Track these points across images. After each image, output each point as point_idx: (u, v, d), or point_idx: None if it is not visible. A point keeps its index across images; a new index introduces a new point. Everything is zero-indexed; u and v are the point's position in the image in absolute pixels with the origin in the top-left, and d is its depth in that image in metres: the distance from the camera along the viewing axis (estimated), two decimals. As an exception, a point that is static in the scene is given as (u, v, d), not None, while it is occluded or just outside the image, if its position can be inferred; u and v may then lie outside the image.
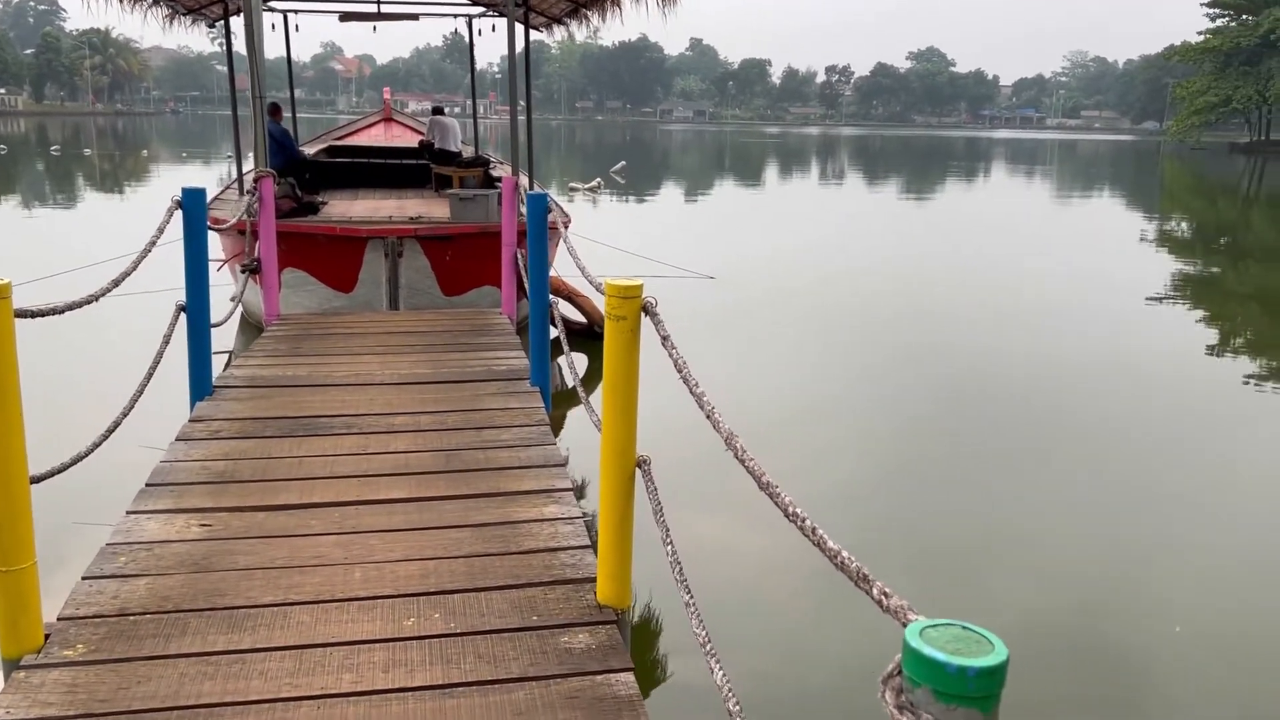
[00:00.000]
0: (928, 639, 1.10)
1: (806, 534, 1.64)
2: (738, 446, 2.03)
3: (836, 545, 1.55)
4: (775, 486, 1.83)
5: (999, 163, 57.52)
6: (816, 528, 1.63)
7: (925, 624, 1.13)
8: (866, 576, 1.43)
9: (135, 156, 45.84)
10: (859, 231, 21.54)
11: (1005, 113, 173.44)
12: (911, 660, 1.10)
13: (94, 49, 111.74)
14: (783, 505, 1.76)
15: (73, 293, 3.32)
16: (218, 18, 12.50)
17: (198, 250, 4.81)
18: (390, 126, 16.85)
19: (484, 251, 8.28)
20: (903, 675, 1.12)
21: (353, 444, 4.32)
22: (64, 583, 3.21)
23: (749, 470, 1.93)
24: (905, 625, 1.28)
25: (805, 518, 1.68)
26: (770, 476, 1.87)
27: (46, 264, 12.49)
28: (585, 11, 11.52)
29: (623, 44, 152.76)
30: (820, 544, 1.58)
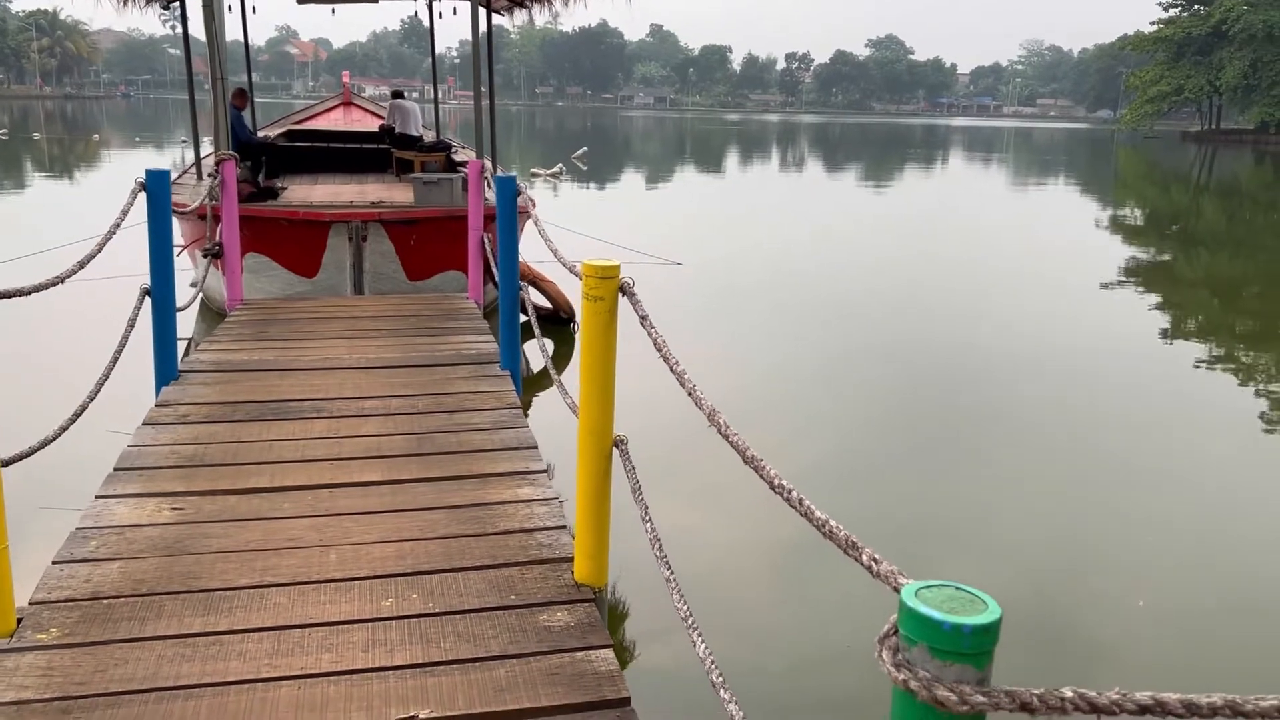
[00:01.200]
0: (923, 599, 1.13)
1: (794, 505, 1.67)
2: (721, 422, 2.06)
3: (824, 514, 1.58)
4: (760, 460, 1.86)
5: (957, 150, 58.11)
6: (804, 498, 1.66)
7: (920, 585, 1.16)
8: (855, 544, 1.47)
9: (86, 141, 44.87)
10: (821, 218, 21.68)
11: (963, 100, 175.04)
12: (908, 619, 1.13)
13: (41, 30, 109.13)
14: (768, 478, 1.79)
15: (31, 277, 3.27)
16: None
17: (162, 233, 4.74)
18: (350, 111, 16.66)
19: (449, 236, 8.24)
20: (899, 634, 1.15)
21: (323, 428, 4.30)
22: (33, 567, 3.17)
23: (733, 445, 1.96)
24: (897, 590, 1.32)
25: (791, 489, 1.71)
26: (755, 451, 1.90)
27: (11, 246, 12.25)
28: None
29: (583, 30, 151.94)
30: (808, 514, 1.62)
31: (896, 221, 21.30)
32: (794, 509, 1.67)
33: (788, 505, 1.70)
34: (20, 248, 11.41)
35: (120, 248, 4.65)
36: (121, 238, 4.32)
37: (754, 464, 1.87)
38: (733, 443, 1.97)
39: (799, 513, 1.65)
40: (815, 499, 1.72)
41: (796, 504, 1.67)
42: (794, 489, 1.71)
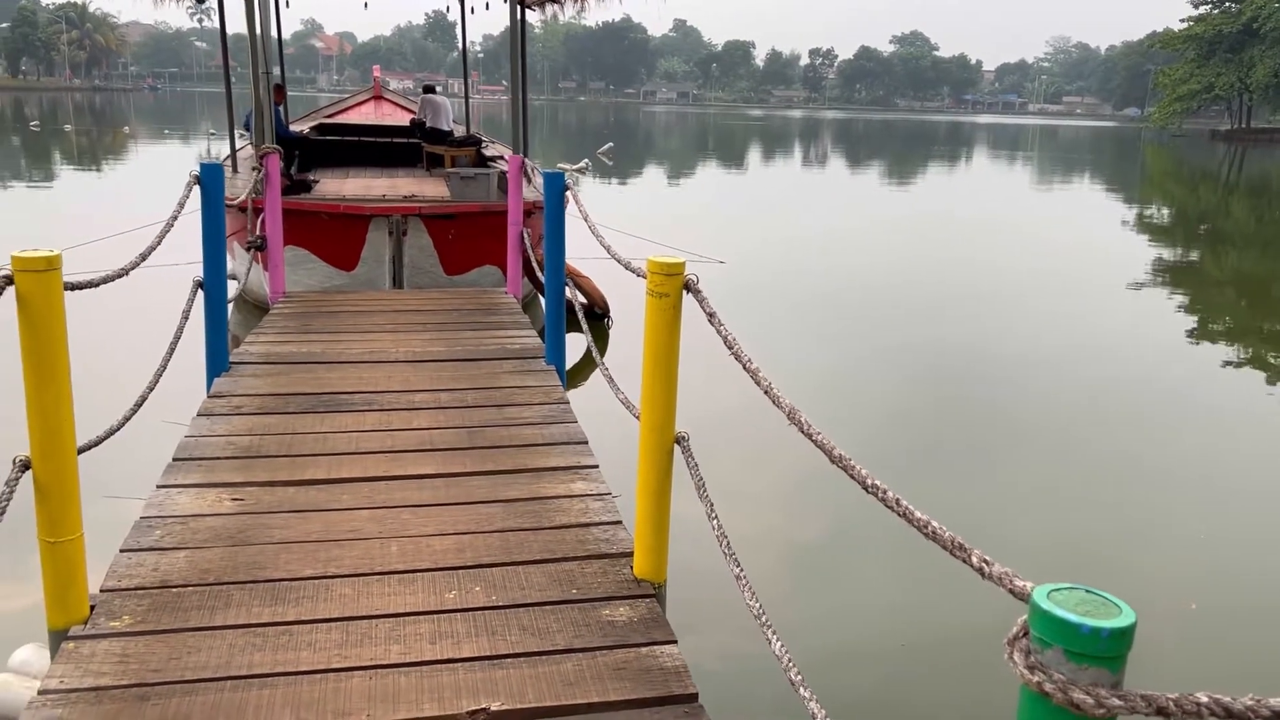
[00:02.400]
0: (1056, 602, 1.13)
1: (890, 506, 1.67)
2: (803, 421, 2.06)
3: (924, 515, 1.58)
4: (849, 460, 1.86)
5: (981, 148, 57.74)
6: (900, 499, 1.67)
7: (1050, 588, 1.17)
8: (963, 545, 1.47)
9: (116, 133, 45.25)
10: (847, 215, 21.60)
11: (988, 98, 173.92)
12: (1041, 622, 1.13)
13: (71, 23, 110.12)
14: (859, 478, 1.79)
15: (81, 265, 3.30)
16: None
17: (215, 226, 4.78)
18: (380, 105, 16.72)
19: (485, 231, 8.27)
20: (1030, 636, 1.16)
21: (375, 420, 4.33)
22: (100, 554, 3.21)
23: (818, 445, 1.96)
24: (1013, 592, 1.32)
25: (886, 489, 1.71)
26: (842, 450, 1.90)
27: (43, 238, 12.38)
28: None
29: (606, 25, 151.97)
30: (907, 515, 1.62)
31: (922, 220, 21.19)
32: (891, 510, 1.67)
33: (883, 505, 1.70)
34: (60, 237, 11.52)
35: (145, 239, 4.67)
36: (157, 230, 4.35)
37: (842, 464, 1.87)
38: (818, 442, 1.97)
39: (896, 513, 1.65)
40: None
41: (893, 504, 1.67)
42: (889, 489, 1.72)
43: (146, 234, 4.04)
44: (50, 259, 2.52)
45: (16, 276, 2.46)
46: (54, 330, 2.55)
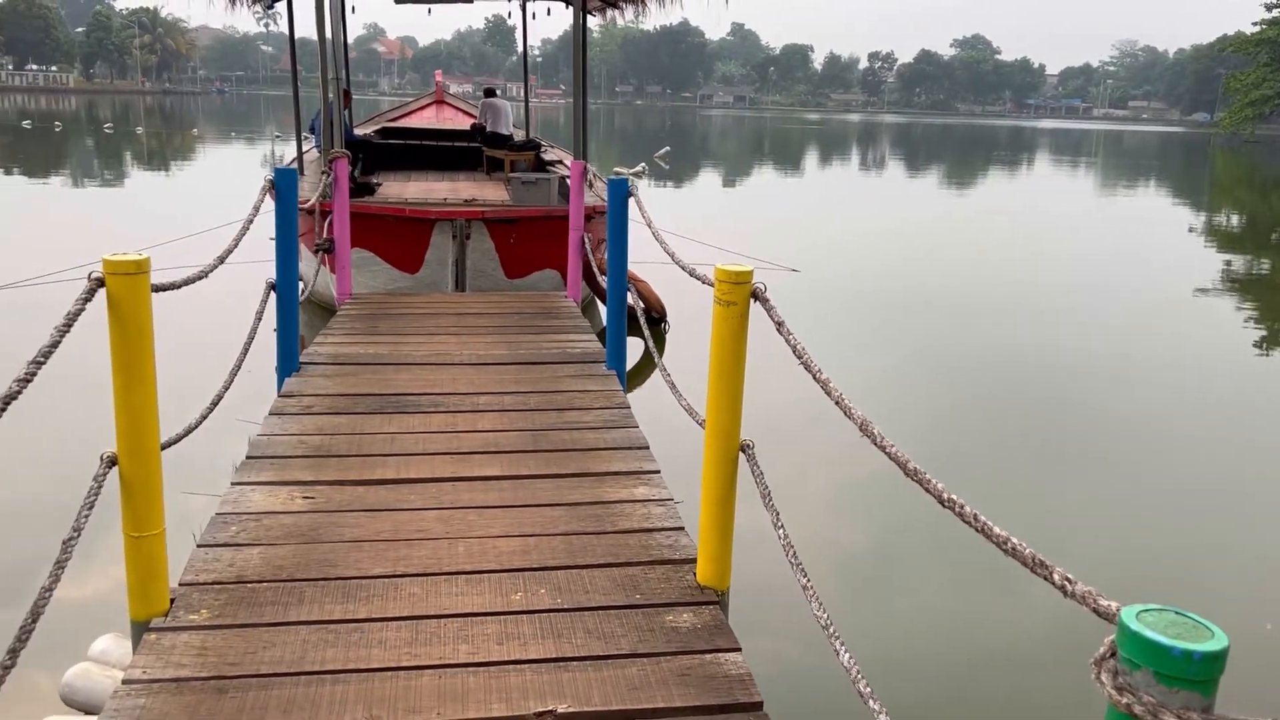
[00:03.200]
0: (1146, 623, 1.13)
1: (968, 521, 1.66)
2: (875, 433, 2.06)
3: (1004, 532, 1.58)
4: (924, 474, 1.86)
5: (1043, 153, 56.79)
6: (978, 514, 1.66)
7: (1139, 608, 1.16)
8: (1044, 563, 1.46)
9: (184, 135, 46.41)
10: (914, 221, 21.34)
11: (1050, 102, 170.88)
12: (1131, 643, 1.13)
13: (143, 28, 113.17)
14: (935, 492, 1.79)
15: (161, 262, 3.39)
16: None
17: (288, 230, 4.90)
18: (442, 109, 16.94)
19: (546, 235, 8.35)
20: (1118, 657, 1.15)
21: (441, 421, 4.40)
22: (177, 548, 3.31)
23: (892, 458, 1.96)
24: (1098, 612, 1.31)
25: (964, 504, 1.71)
26: (916, 463, 1.90)
27: (119, 237, 12.79)
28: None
29: (664, 29, 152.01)
30: (985, 531, 1.61)
31: (988, 226, 20.92)
32: (968, 524, 1.66)
33: (960, 520, 1.70)
34: (132, 237, 11.90)
35: (217, 240, 4.79)
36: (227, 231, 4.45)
37: (917, 477, 1.87)
38: (891, 455, 1.97)
39: (974, 528, 1.65)
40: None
41: (971, 520, 1.66)
42: (966, 504, 1.71)
43: (217, 234, 4.16)
44: (140, 262, 2.60)
45: (108, 279, 2.55)
46: (142, 331, 2.64)
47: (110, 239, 13.12)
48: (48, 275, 10.08)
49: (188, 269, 3.41)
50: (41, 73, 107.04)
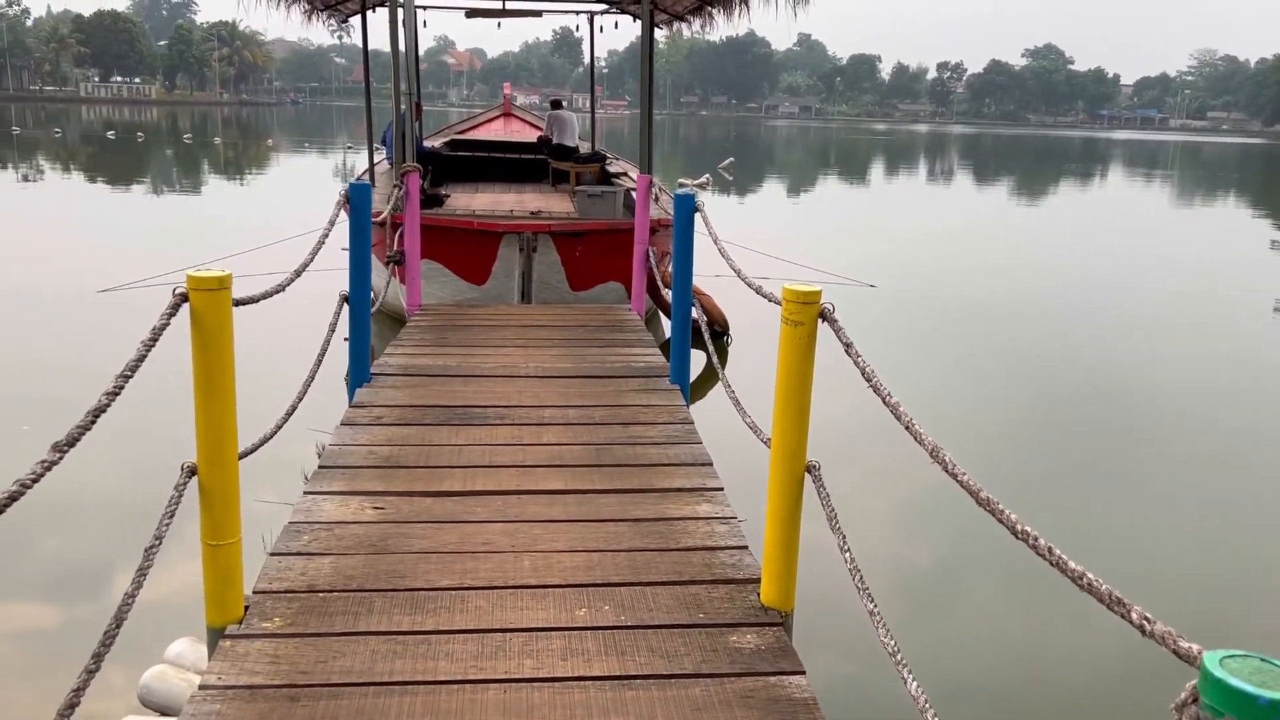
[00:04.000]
0: (1229, 670, 1.10)
1: (1042, 554, 1.64)
2: (946, 460, 2.04)
3: (1079, 566, 1.55)
4: (996, 503, 1.83)
5: (1117, 165, 55.53)
6: (1053, 547, 1.64)
7: (1223, 654, 1.13)
8: (1121, 600, 1.43)
9: (260, 145, 47.61)
10: (986, 236, 21.00)
11: (1125, 113, 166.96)
12: (1214, 690, 1.10)
13: (222, 41, 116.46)
14: (1008, 523, 1.76)
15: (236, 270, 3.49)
16: (353, 13, 12.92)
17: (361, 244, 5.00)
18: (510, 121, 17.15)
19: (611, 248, 8.40)
20: (1200, 704, 1.13)
21: (507, 434, 4.45)
22: (248, 556, 3.39)
23: (964, 486, 1.93)
24: (1179, 654, 1.28)
25: (1037, 536, 1.68)
26: (989, 492, 1.88)
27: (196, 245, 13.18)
28: (711, 9, 11.55)
29: (730, 39, 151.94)
30: (1060, 565, 1.59)
31: (1061, 239, 20.50)
32: (1043, 558, 1.64)
33: (1034, 553, 1.67)
34: (209, 246, 12.23)
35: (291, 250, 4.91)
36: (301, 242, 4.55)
37: (990, 507, 1.85)
38: (963, 483, 1.95)
39: (1049, 561, 1.62)
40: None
41: (1045, 553, 1.64)
42: (1039, 535, 1.69)
43: (291, 244, 4.27)
44: (222, 278, 2.68)
45: (191, 295, 2.63)
46: (223, 345, 2.72)
47: (187, 247, 13.52)
48: (130, 283, 10.44)
49: (264, 276, 3.50)
50: (126, 84, 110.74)
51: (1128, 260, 17.51)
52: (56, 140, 43.47)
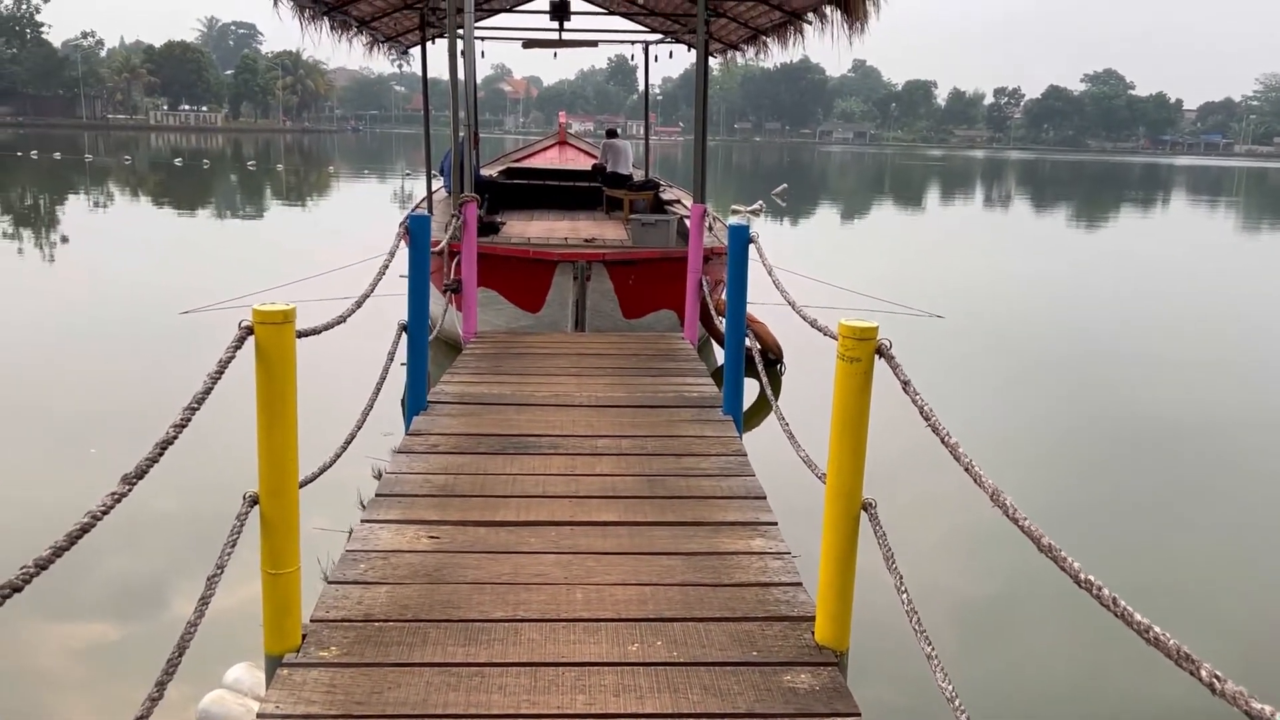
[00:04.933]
0: (1307, 738, 1.07)
1: (1107, 605, 1.60)
2: (1007, 504, 2.01)
3: (1146, 620, 1.52)
4: (1059, 550, 1.80)
5: (1180, 191, 54.47)
6: (1117, 598, 1.60)
7: (1300, 721, 1.10)
8: (1189, 656, 1.40)
9: (321, 172, 48.64)
10: (1052, 264, 20.63)
11: (1188, 138, 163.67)
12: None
13: (286, 70, 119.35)
14: (1071, 571, 1.73)
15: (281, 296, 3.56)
16: (413, 44, 13.19)
17: (421, 274, 5.08)
18: (565, 150, 17.33)
19: (664, 276, 8.43)
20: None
21: (561, 464, 4.47)
22: (304, 581, 3.44)
23: (1026, 532, 1.90)
24: (1251, 715, 1.25)
25: (1101, 586, 1.65)
26: (1050, 539, 1.84)
27: (259, 271, 13.50)
28: (765, 38, 11.60)
29: (784, 66, 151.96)
30: (1125, 617, 1.55)
31: (1131, 269, 20.12)
32: (1108, 609, 1.60)
33: (1099, 604, 1.63)
34: (270, 271, 12.52)
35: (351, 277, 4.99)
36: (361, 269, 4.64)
37: (1052, 554, 1.81)
38: (1024, 529, 1.91)
39: (1113, 613, 1.59)
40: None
41: (1110, 604, 1.60)
42: (1103, 585, 1.65)
43: (353, 272, 4.35)
44: (286, 312, 2.74)
45: (257, 329, 2.69)
46: (286, 377, 2.77)
47: (255, 270, 13.83)
48: (209, 305, 10.71)
49: (327, 301, 3.57)
50: (193, 112, 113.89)
51: (1195, 290, 17.11)
52: (126, 167, 44.84)
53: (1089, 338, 12.26)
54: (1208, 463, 7.66)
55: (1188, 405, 9.27)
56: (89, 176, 38.33)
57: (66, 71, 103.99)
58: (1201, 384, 10.16)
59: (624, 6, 12.69)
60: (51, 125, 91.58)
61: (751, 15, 10.80)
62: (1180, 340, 12.48)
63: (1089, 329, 12.87)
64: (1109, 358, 11.20)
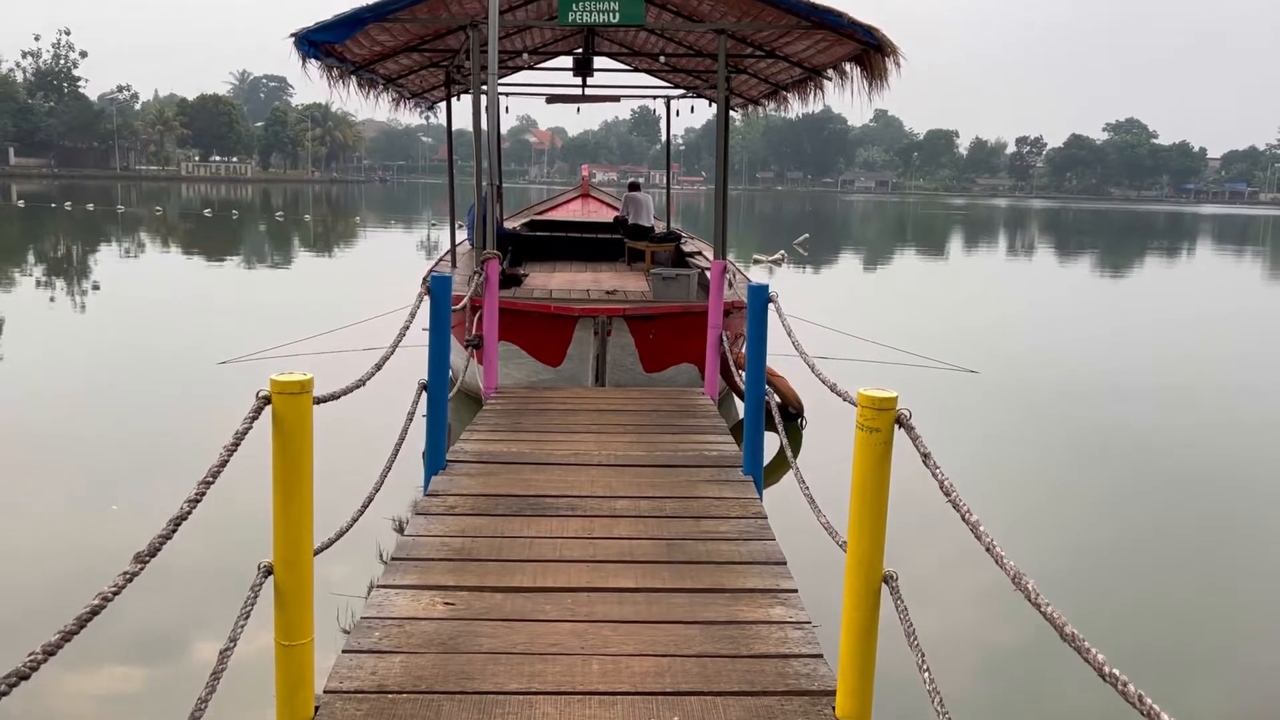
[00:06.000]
0: None
1: (1131, 701, 1.56)
2: (1029, 588, 1.96)
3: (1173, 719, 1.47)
4: (1081, 640, 1.75)
5: (1205, 239, 54.20)
6: (1143, 695, 1.55)
7: None
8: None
9: (348, 221, 49.27)
10: (1082, 315, 20.44)
11: (1213, 187, 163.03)
12: None
13: (315, 122, 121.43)
14: (1095, 664, 1.68)
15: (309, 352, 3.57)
16: (439, 100, 13.41)
17: (441, 333, 5.10)
18: (587, 202, 17.50)
19: (685, 330, 8.43)
20: None
21: (578, 527, 4.43)
22: (319, 646, 3.41)
23: (1047, 618, 1.86)
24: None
25: (1125, 680, 1.60)
26: (1073, 627, 1.80)
27: (294, 319, 13.64)
28: (785, 94, 11.71)
29: (806, 116, 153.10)
30: (1152, 716, 1.50)
31: (1158, 318, 19.93)
32: (1134, 706, 1.55)
33: (1119, 696, 1.59)
34: (297, 321, 12.65)
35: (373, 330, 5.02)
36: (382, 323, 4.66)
37: (1074, 643, 1.77)
38: (1046, 615, 1.87)
39: (1140, 710, 1.54)
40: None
41: (1135, 701, 1.56)
42: (1129, 681, 1.60)
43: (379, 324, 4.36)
44: (304, 382, 2.75)
45: (274, 399, 2.70)
46: (303, 446, 2.77)
47: (283, 321, 13.97)
48: (246, 355, 10.84)
49: (352, 352, 3.57)
50: (224, 163, 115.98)
51: (1234, 342, 16.87)
52: (157, 217, 45.59)
53: (1127, 395, 12.07)
54: (1255, 526, 7.49)
55: (1230, 463, 9.11)
56: (121, 226, 39.00)
57: (102, 124, 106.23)
58: (1243, 441, 9.97)
59: (646, 63, 12.85)
60: (85, 176, 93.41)
61: (772, 72, 10.91)
62: (1222, 392, 12.31)
63: (1125, 385, 12.66)
64: (1150, 413, 11.02)
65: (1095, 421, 10.62)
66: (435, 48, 10.31)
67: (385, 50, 9.74)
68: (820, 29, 8.25)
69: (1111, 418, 10.78)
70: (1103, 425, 10.43)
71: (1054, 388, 12.20)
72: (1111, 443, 9.78)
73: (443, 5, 8.43)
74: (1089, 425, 10.45)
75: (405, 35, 9.44)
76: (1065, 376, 12.82)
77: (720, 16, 9.10)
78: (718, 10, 9.05)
